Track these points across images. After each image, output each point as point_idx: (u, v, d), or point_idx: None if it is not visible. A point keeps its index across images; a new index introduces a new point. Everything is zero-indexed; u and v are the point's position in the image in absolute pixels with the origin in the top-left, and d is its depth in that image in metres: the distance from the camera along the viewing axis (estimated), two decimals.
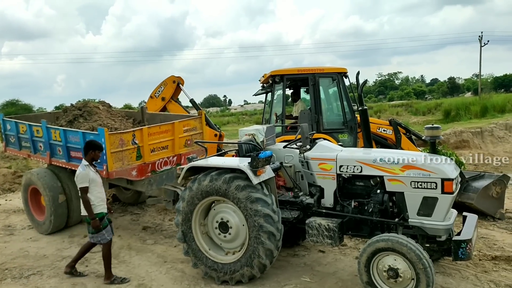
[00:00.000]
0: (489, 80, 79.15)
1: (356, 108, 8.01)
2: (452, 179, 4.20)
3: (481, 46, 45.58)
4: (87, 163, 5.16)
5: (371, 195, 4.74)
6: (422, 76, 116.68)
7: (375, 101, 69.49)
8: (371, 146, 7.64)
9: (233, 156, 5.85)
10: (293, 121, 8.95)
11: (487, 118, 20.80)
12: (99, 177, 5.32)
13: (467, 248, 4.13)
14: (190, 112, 9.05)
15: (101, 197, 5.23)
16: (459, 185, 4.61)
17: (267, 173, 4.87)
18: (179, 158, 6.99)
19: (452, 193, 4.23)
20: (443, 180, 4.21)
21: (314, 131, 7.32)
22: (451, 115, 24.48)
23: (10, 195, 10.80)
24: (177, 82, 8.95)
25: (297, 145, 5.55)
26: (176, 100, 9.21)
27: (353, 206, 4.87)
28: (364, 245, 4.34)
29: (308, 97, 8.53)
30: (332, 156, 4.96)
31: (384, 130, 8.65)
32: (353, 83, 8.32)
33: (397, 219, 4.58)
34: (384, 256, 4.19)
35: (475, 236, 4.51)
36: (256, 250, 4.69)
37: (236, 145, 5.96)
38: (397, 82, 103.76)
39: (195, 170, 5.17)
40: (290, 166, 5.49)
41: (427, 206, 4.33)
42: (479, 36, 45.80)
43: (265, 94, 9.44)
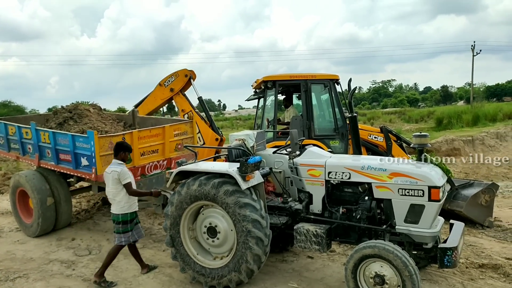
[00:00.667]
0: (481, 89, 79.97)
1: (346, 115, 8.06)
2: (439, 187, 4.23)
3: (473, 55, 46.03)
4: (121, 162, 5.28)
5: (359, 202, 4.76)
6: (415, 84, 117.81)
7: (369, 108, 69.88)
8: (361, 153, 7.67)
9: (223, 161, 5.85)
10: (285, 126, 8.98)
11: (479, 127, 20.99)
12: (132, 176, 5.37)
13: (453, 255, 4.16)
14: (196, 110, 9.01)
15: (129, 199, 5.28)
16: (446, 192, 4.64)
17: (256, 178, 4.87)
18: (169, 162, 6.97)
19: (438, 200, 4.25)
20: (430, 187, 4.23)
21: (304, 137, 7.35)
22: (443, 123, 24.68)
23: None
24: (189, 76, 8.80)
25: (286, 150, 5.56)
26: (184, 94, 9.06)
27: (341, 212, 4.88)
28: (351, 251, 4.35)
29: (300, 103, 8.57)
30: (321, 162, 4.98)
31: (375, 137, 8.70)
32: (345, 90, 8.37)
33: (384, 226, 4.60)
34: (371, 262, 4.20)
35: (462, 244, 4.54)
36: (244, 255, 4.68)
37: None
38: (390, 89, 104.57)
39: (185, 175, 5.16)
40: (280, 172, 5.50)
41: (414, 213, 4.35)
42: (472, 45, 46.28)
43: (257, 100, 9.48)
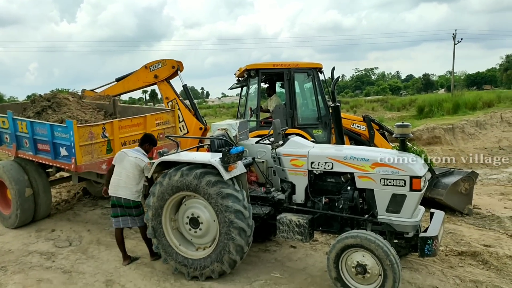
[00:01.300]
0: (462, 77, 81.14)
1: (330, 104, 8.05)
2: (420, 177, 4.26)
3: (454, 44, 46.57)
4: (145, 153, 5.50)
5: (342, 192, 4.77)
6: (398, 72, 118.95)
7: (352, 96, 70.37)
8: (343, 143, 7.69)
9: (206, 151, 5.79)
10: (268, 115, 8.94)
11: (459, 115, 21.30)
12: None
13: (433, 244, 4.21)
14: (181, 98, 8.84)
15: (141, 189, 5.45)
16: (427, 182, 4.69)
17: (239, 168, 4.84)
18: (151, 152, 6.87)
19: (420, 190, 4.29)
20: (412, 177, 4.26)
21: (287, 127, 7.33)
22: (425, 111, 24.99)
23: None
24: (176, 68, 8.61)
25: (269, 140, 5.53)
26: (168, 81, 8.86)
27: (323, 202, 4.89)
28: (333, 241, 4.37)
29: (283, 91, 8.53)
30: (303, 152, 4.97)
31: (358, 126, 8.74)
32: (328, 78, 8.35)
33: (366, 216, 4.63)
34: (353, 252, 4.23)
35: (442, 232, 4.60)
36: (226, 246, 4.66)
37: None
38: (373, 77, 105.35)
39: (166, 165, 5.10)
40: (263, 162, 5.47)
41: (396, 203, 4.39)
42: (453, 33, 46.78)
43: (240, 88, 9.40)
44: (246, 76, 8.35)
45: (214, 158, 4.72)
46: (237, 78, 9.14)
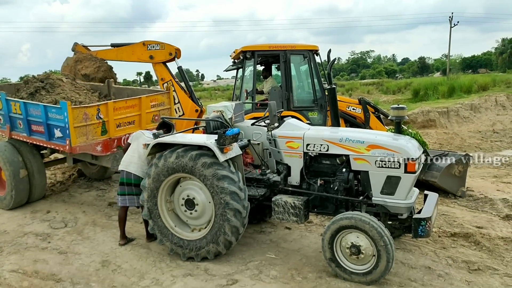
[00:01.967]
0: (457, 60, 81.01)
1: (325, 86, 8.03)
2: (415, 159, 4.28)
3: (451, 27, 46.34)
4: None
5: (337, 174, 4.79)
6: (393, 55, 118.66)
7: (347, 79, 70.20)
8: (339, 125, 7.71)
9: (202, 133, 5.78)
10: (263, 97, 8.91)
11: (454, 98, 21.30)
12: None
13: (427, 225, 4.25)
14: (176, 79, 8.73)
15: None
16: (422, 164, 4.71)
17: (234, 150, 4.83)
18: None
19: (414, 172, 4.31)
20: (406, 159, 4.28)
21: (283, 109, 7.31)
22: (420, 95, 24.95)
23: None
24: (173, 56, 8.45)
25: (265, 122, 5.52)
26: (164, 63, 8.72)
27: (319, 184, 4.92)
28: (328, 222, 4.41)
29: (279, 74, 8.48)
30: (299, 134, 4.97)
31: (353, 109, 8.73)
32: (324, 61, 8.31)
33: (361, 198, 4.66)
34: (347, 233, 4.27)
35: (435, 214, 4.65)
36: (222, 227, 4.69)
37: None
38: (369, 60, 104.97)
39: (162, 147, 5.08)
40: (258, 144, 5.47)
41: (390, 185, 4.41)
42: (450, 16, 46.50)
43: (236, 70, 9.34)
44: (241, 58, 8.29)
45: (209, 140, 4.71)
46: (232, 60, 9.08)
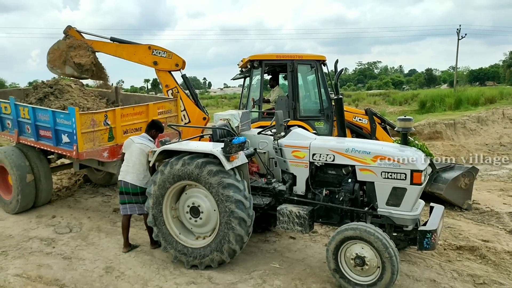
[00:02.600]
0: (465, 73, 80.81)
1: (332, 96, 8.05)
2: (421, 171, 4.26)
3: (458, 39, 46.26)
4: (151, 139, 5.50)
5: (343, 184, 4.78)
6: (400, 66, 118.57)
7: (354, 89, 70.23)
8: (345, 135, 7.70)
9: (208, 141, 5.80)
10: (270, 106, 8.94)
11: (461, 111, 21.24)
12: None
13: (432, 238, 4.22)
14: (181, 87, 8.58)
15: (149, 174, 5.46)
16: (428, 176, 4.69)
17: (240, 159, 4.84)
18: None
19: (420, 184, 4.29)
20: (412, 171, 4.27)
21: (290, 118, 7.33)
22: (427, 106, 24.90)
23: None
24: (179, 67, 8.25)
25: (271, 131, 5.54)
26: (169, 71, 8.44)
27: (324, 194, 4.90)
28: (333, 233, 4.39)
29: (286, 83, 8.52)
30: (305, 144, 4.97)
31: (359, 119, 8.73)
32: (331, 71, 8.34)
33: (366, 208, 4.64)
34: (352, 244, 4.25)
35: (441, 226, 4.61)
36: (226, 235, 4.68)
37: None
38: (376, 71, 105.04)
39: (168, 154, 5.11)
40: (264, 153, 5.48)
41: (396, 196, 4.39)
42: (457, 29, 46.46)
43: (243, 79, 9.39)
44: (249, 67, 8.34)
45: (216, 148, 4.72)
46: (240, 69, 9.13)
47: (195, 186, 4.93)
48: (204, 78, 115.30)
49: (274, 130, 5.29)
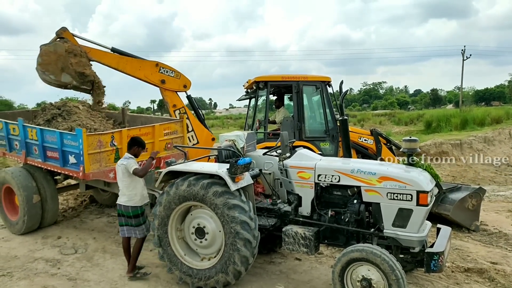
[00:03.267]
0: (470, 93, 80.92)
1: (337, 117, 8.09)
2: (427, 192, 4.24)
3: (463, 60, 46.52)
4: (132, 156, 5.30)
5: (348, 205, 4.77)
6: (406, 86, 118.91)
7: (359, 109, 70.37)
8: (350, 156, 7.70)
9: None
10: (275, 127, 8.98)
11: (467, 131, 21.15)
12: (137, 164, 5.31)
13: (439, 260, 4.18)
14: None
15: (143, 193, 5.33)
16: (434, 197, 4.67)
17: (246, 180, 4.85)
18: (158, 162, 6.91)
19: (427, 205, 4.27)
20: (419, 192, 4.25)
21: (295, 139, 7.36)
22: (432, 126, 24.84)
23: None
24: (187, 89, 8.15)
25: (277, 152, 5.56)
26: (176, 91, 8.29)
27: (330, 215, 4.89)
28: (339, 254, 4.36)
29: (291, 104, 8.57)
30: (311, 165, 4.98)
31: (365, 140, 8.75)
32: (336, 91, 8.39)
33: (372, 230, 4.61)
34: (358, 266, 4.21)
35: (448, 248, 4.56)
36: (231, 256, 4.66)
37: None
38: (381, 91, 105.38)
39: (174, 175, 5.13)
40: (270, 173, 5.50)
41: (402, 217, 4.37)
42: (462, 49, 46.78)
43: (249, 100, 9.47)
44: (254, 88, 8.42)
45: (221, 169, 4.74)
46: (245, 90, 9.22)
47: (201, 207, 4.94)
48: (210, 99, 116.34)
49: (279, 151, 5.31)
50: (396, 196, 4.37)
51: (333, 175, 4.80)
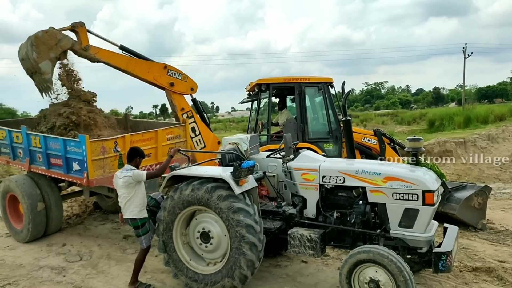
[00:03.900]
0: (472, 91, 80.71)
1: (340, 118, 8.06)
2: (433, 191, 4.21)
3: (465, 58, 46.33)
4: (133, 168, 5.05)
5: (354, 206, 4.73)
6: (407, 86, 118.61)
7: (362, 110, 70.29)
8: (354, 157, 7.65)
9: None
10: (278, 129, 8.96)
11: (470, 129, 21.11)
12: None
13: (447, 260, 4.14)
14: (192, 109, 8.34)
15: (142, 204, 5.10)
16: (440, 196, 4.63)
17: (250, 183, 4.83)
18: None
19: (433, 205, 4.23)
20: (424, 192, 4.21)
21: (299, 141, 7.33)
22: (435, 125, 24.83)
23: None
24: (194, 92, 8.12)
25: (280, 154, 5.53)
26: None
27: (335, 217, 4.86)
28: (346, 256, 4.32)
29: (294, 106, 8.55)
30: (315, 166, 4.95)
31: (368, 140, 8.70)
32: (338, 92, 8.37)
33: (379, 230, 4.58)
34: (365, 267, 4.17)
35: (456, 248, 4.52)
36: (237, 260, 4.62)
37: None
38: (383, 91, 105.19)
39: (177, 179, 5.11)
40: (274, 176, 5.47)
41: (409, 217, 4.33)
42: (463, 47, 46.60)
43: (251, 102, 9.45)
44: (257, 90, 8.40)
45: (225, 172, 4.72)
46: (248, 93, 9.20)
47: (205, 211, 4.91)
48: (212, 102, 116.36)
49: (283, 153, 5.28)
50: (401, 196, 4.34)
51: (337, 176, 4.77)
